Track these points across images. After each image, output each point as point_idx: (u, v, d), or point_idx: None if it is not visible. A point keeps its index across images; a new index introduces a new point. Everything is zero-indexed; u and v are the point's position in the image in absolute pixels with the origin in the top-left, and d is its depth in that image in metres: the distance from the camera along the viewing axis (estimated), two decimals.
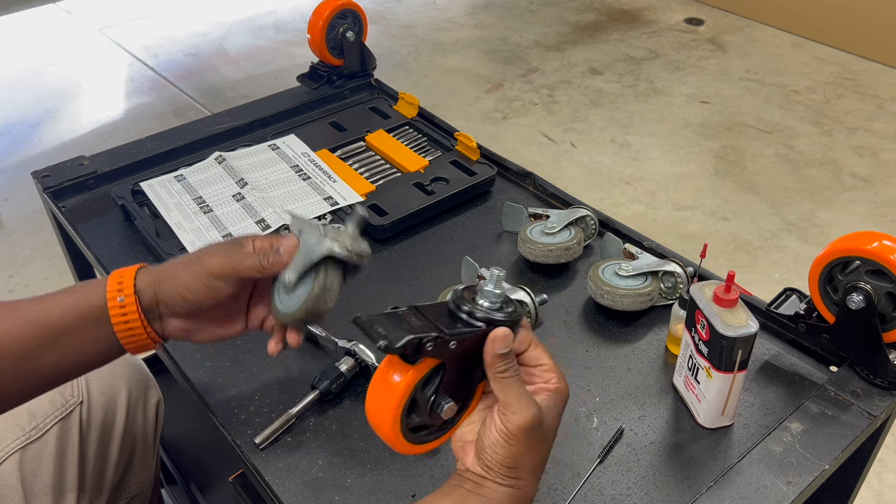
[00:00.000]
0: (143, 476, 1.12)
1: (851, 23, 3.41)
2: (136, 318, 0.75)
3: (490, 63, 3.45)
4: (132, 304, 0.75)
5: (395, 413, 0.65)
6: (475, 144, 1.28)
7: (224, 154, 1.28)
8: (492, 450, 0.63)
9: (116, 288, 0.75)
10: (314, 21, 1.41)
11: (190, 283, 0.75)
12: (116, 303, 0.74)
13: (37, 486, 0.92)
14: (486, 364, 0.64)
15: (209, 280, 0.75)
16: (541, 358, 0.67)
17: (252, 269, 0.76)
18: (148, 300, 0.76)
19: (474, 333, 0.65)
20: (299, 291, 0.77)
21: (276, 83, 3.25)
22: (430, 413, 0.67)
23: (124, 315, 0.74)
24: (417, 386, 0.65)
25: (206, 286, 0.75)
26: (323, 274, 0.76)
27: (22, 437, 0.93)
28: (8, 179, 2.74)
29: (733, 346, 0.79)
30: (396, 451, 0.67)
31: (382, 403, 0.65)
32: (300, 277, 0.76)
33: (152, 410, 1.12)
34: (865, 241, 0.84)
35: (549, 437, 0.66)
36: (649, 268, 1.00)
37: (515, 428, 0.62)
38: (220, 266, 0.75)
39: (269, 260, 0.77)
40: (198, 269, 0.75)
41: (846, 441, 0.83)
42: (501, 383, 0.64)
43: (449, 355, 0.64)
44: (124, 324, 0.75)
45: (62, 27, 3.90)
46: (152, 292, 0.76)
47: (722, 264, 2.27)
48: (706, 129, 2.94)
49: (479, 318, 0.65)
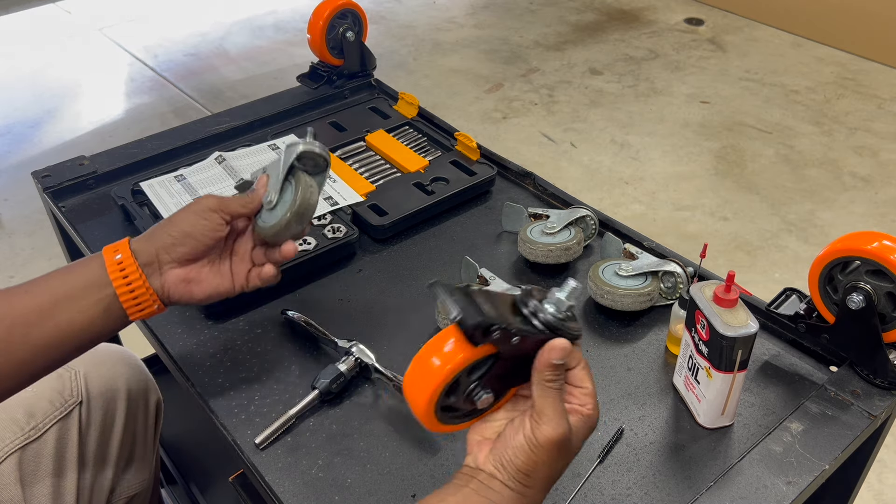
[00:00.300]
0: (142, 476, 1.12)
1: (851, 23, 3.41)
2: (136, 272, 0.79)
3: (490, 63, 3.45)
4: (129, 259, 0.79)
5: (437, 388, 0.65)
6: (475, 144, 1.28)
7: (224, 154, 1.28)
8: (514, 453, 0.64)
9: (112, 250, 0.80)
10: (314, 21, 1.41)
11: (191, 218, 0.82)
12: (114, 261, 0.79)
13: (36, 487, 0.93)
14: (536, 369, 0.64)
15: (208, 213, 0.83)
16: (584, 381, 0.67)
17: (239, 205, 0.85)
18: (146, 256, 0.81)
19: (539, 335, 0.65)
20: (284, 198, 0.87)
21: (276, 83, 3.25)
22: (465, 398, 0.67)
23: (122, 271, 0.78)
24: (466, 368, 0.65)
25: (205, 219, 0.82)
26: (299, 176, 0.87)
27: (21, 436, 0.93)
28: (8, 179, 2.74)
29: (733, 346, 0.79)
30: (422, 422, 0.67)
31: (427, 374, 0.65)
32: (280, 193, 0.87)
33: (152, 410, 1.12)
34: (865, 241, 0.84)
35: (570, 456, 0.66)
36: (649, 268, 1.00)
37: (545, 439, 0.63)
38: (215, 202, 0.84)
39: (248, 196, 0.87)
40: (196, 209, 0.83)
41: (846, 441, 0.83)
42: (545, 391, 0.64)
43: (507, 348, 0.65)
44: (123, 280, 0.78)
45: (62, 27, 3.90)
46: (149, 247, 0.81)
47: (722, 264, 2.27)
48: (706, 129, 2.94)
49: (541, 320, 0.65)
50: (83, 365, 1.01)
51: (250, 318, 1.01)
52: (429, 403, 0.66)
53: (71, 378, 0.99)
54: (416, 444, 0.85)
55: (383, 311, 1.02)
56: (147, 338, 1.01)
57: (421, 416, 0.67)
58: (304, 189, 0.85)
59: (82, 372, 1.01)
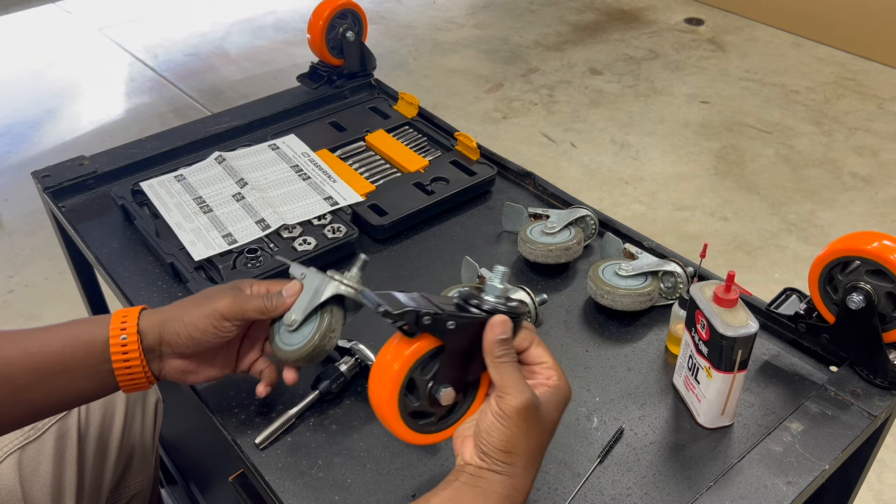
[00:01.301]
0: (142, 476, 1.12)
1: (851, 23, 3.41)
2: (137, 357, 0.77)
3: (490, 63, 3.45)
4: (134, 344, 0.76)
5: (393, 389, 0.66)
6: (475, 144, 1.28)
7: (224, 154, 1.28)
8: (487, 434, 0.65)
9: (120, 327, 0.77)
10: (314, 21, 1.41)
11: (200, 323, 0.77)
12: (118, 341, 0.76)
13: (35, 487, 0.93)
14: (485, 350, 0.67)
15: (219, 321, 0.78)
16: (542, 356, 0.69)
17: (258, 311, 0.80)
18: (151, 340, 0.78)
19: (474, 319, 0.67)
20: (305, 330, 0.81)
21: (276, 83, 3.25)
22: (429, 398, 0.69)
23: (125, 354, 0.76)
24: (416, 365, 0.67)
25: (215, 326, 0.78)
26: (328, 314, 0.80)
27: (21, 436, 0.93)
28: (8, 179, 2.74)
29: (733, 346, 0.79)
30: (396, 435, 0.69)
31: (381, 380, 0.67)
32: (305, 318, 0.80)
33: (151, 410, 1.12)
34: (865, 241, 0.84)
35: (546, 427, 0.68)
36: (649, 268, 1.00)
37: (510, 409, 0.64)
38: (229, 307, 0.78)
39: (272, 302, 0.80)
40: (208, 311, 0.78)
41: (846, 441, 0.83)
42: (499, 368, 0.66)
43: (448, 337, 0.66)
44: (124, 362, 0.76)
45: (62, 27, 3.90)
46: (157, 332, 0.78)
47: (722, 264, 2.27)
48: (706, 129, 2.94)
49: (485, 310, 0.68)
50: None
51: None
52: (389, 409, 0.67)
53: None
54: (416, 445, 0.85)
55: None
56: None
57: (389, 424, 0.68)
58: (326, 333, 0.80)
59: None
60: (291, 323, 0.80)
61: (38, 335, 0.76)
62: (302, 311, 0.80)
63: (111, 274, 1.08)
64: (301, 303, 0.81)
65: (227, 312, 0.78)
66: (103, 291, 1.43)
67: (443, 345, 0.67)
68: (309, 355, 0.80)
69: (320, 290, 0.80)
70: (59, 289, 2.20)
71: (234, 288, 0.81)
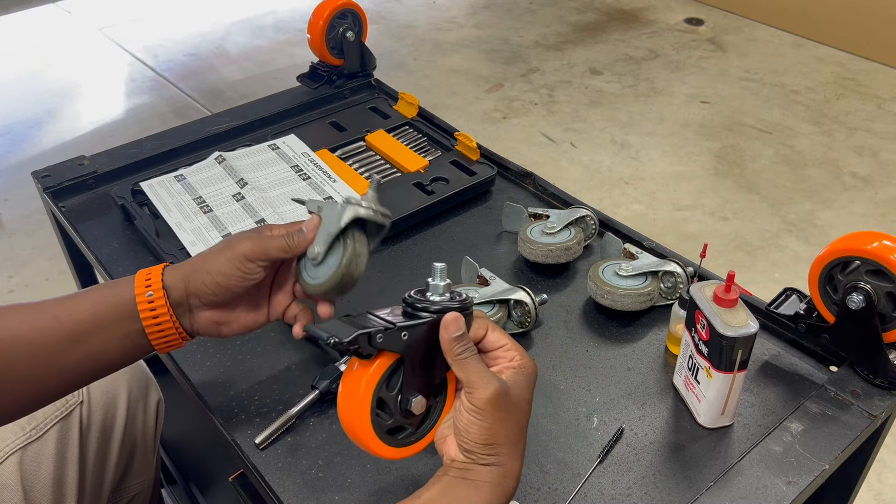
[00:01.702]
0: (143, 476, 1.12)
1: (851, 23, 3.41)
2: (166, 312, 0.76)
3: (490, 63, 3.45)
4: (161, 299, 0.75)
5: (364, 413, 0.65)
6: (475, 144, 1.28)
7: (224, 154, 1.28)
8: (466, 431, 0.65)
9: (144, 283, 0.76)
10: (314, 21, 1.41)
11: (225, 268, 0.76)
12: (145, 298, 0.75)
13: (37, 487, 0.93)
14: (444, 350, 0.66)
15: (244, 263, 0.77)
16: (500, 340, 0.69)
17: (280, 249, 0.78)
18: (178, 294, 0.77)
19: (424, 323, 0.66)
20: (330, 261, 0.79)
21: (276, 83, 3.25)
22: (401, 411, 0.68)
23: (153, 311, 0.75)
24: (381, 384, 0.66)
25: (240, 269, 0.77)
26: (351, 240, 0.78)
27: (22, 436, 0.93)
28: (8, 179, 2.74)
29: (733, 346, 0.79)
30: (378, 455, 0.68)
31: (350, 407, 0.66)
32: (328, 249, 0.79)
33: (153, 410, 1.12)
34: (865, 241, 0.84)
35: (521, 408, 0.67)
36: (649, 268, 1.00)
37: (481, 402, 0.64)
38: (251, 249, 0.77)
39: (294, 239, 0.79)
40: (231, 255, 0.77)
41: (846, 441, 0.83)
42: (461, 364, 0.66)
43: (405, 348, 0.66)
44: (153, 319, 0.75)
45: (62, 27, 3.90)
46: (182, 286, 0.77)
47: (722, 264, 2.27)
48: (706, 129, 2.94)
49: (433, 311, 0.67)
50: None
51: None
52: (365, 433, 0.66)
53: None
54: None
55: None
56: None
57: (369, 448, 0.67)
58: (352, 259, 0.78)
59: None
60: (315, 256, 0.79)
61: (65, 303, 0.75)
62: (324, 242, 0.79)
63: (111, 274, 1.08)
64: (322, 234, 0.79)
65: (250, 253, 0.77)
66: None
67: (401, 357, 0.66)
68: (339, 284, 0.79)
69: (339, 216, 0.78)
70: (59, 289, 2.20)
71: (256, 231, 0.80)
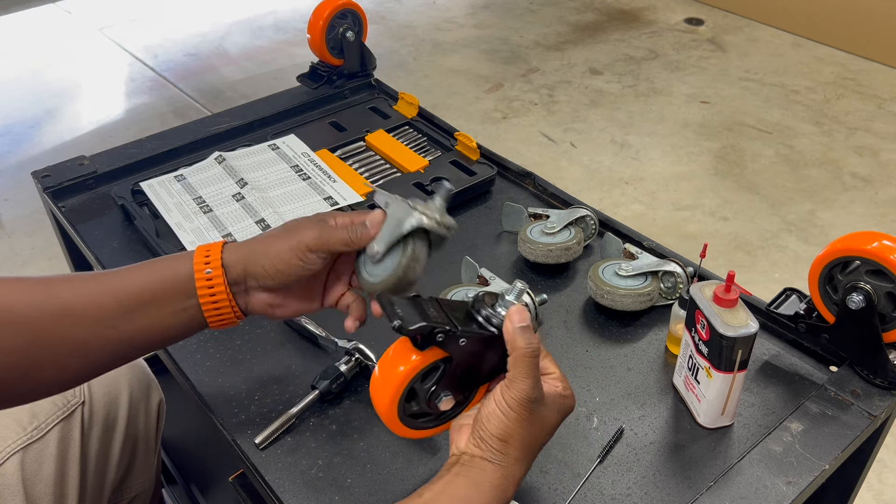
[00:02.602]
0: (144, 476, 1.12)
1: (851, 23, 3.41)
2: (223, 290, 0.75)
3: (490, 63, 3.45)
4: (219, 277, 0.75)
5: (394, 398, 0.68)
6: (475, 144, 1.28)
7: (224, 154, 1.28)
8: (487, 419, 0.66)
9: (203, 260, 0.75)
10: (314, 21, 1.41)
11: (286, 256, 0.76)
12: (203, 275, 0.75)
13: (38, 487, 0.92)
14: (507, 342, 0.67)
15: (305, 253, 0.76)
16: (549, 367, 0.71)
17: (342, 243, 0.78)
18: (236, 274, 0.76)
19: (485, 335, 0.68)
20: (388, 262, 0.78)
21: (276, 83, 3.24)
22: (428, 403, 0.70)
23: (210, 288, 0.75)
24: (418, 376, 0.68)
25: (300, 259, 0.76)
26: (412, 245, 0.77)
27: (24, 436, 0.93)
28: (8, 179, 2.74)
29: (733, 346, 0.79)
30: (390, 430, 0.71)
31: (384, 386, 0.68)
32: (388, 249, 0.78)
33: (154, 411, 1.12)
34: (865, 241, 0.84)
35: (545, 425, 0.69)
36: (649, 268, 1.00)
37: (512, 399, 0.66)
38: (314, 240, 0.77)
39: (357, 233, 0.78)
40: (293, 244, 0.76)
41: (846, 441, 0.83)
42: (517, 359, 0.67)
43: (457, 351, 0.68)
44: (210, 297, 0.75)
45: (62, 27, 3.90)
46: (241, 266, 0.77)
47: (722, 264, 2.27)
48: (706, 129, 2.94)
49: (495, 324, 0.69)
50: None
51: (250, 318, 1.00)
52: (389, 412, 0.69)
53: None
54: (416, 444, 0.85)
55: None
56: None
57: (388, 424, 0.70)
58: (410, 263, 0.77)
59: None
60: (374, 254, 0.78)
61: (121, 274, 0.75)
62: (385, 242, 0.78)
63: None
64: (384, 233, 0.78)
65: (313, 244, 0.76)
66: None
67: (447, 356, 0.68)
68: (394, 286, 0.78)
69: (402, 220, 0.77)
70: None
71: (319, 220, 0.79)
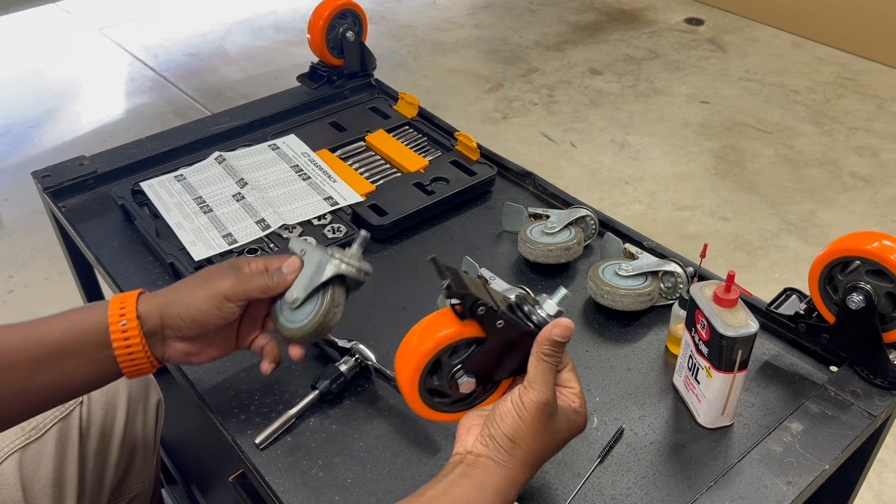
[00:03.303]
0: (143, 476, 1.12)
1: (851, 23, 3.41)
2: (138, 342, 0.76)
3: (490, 63, 3.45)
4: (134, 329, 0.75)
5: (422, 361, 0.70)
6: (475, 144, 1.28)
7: (224, 154, 1.28)
8: (500, 418, 0.67)
9: (119, 312, 0.76)
10: (314, 21, 1.41)
11: (203, 306, 0.77)
12: (118, 327, 0.75)
13: (36, 487, 0.92)
14: (537, 342, 0.70)
15: (222, 302, 0.77)
16: (571, 381, 0.73)
17: (259, 290, 0.79)
18: (152, 324, 0.77)
19: (524, 327, 0.70)
20: (307, 308, 0.80)
21: (276, 83, 3.25)
22: (449, 381, 0.71)
23: (126, 339, 0.75)
24: (449, 347, 0.70)
25: (218, 308, 0.77)
26: (331, 291, 0.80)
27: (22, 437, 0.93)
28: (8, 179, 2.74)
29: (733, 346, 0.79)
30: (405, 399, 0.72)
31: (414, 349, 0.70)
32: (308, 295, 0.80)
33: (153, 411, 1.12)
34: (865, 241, 0.84)
35: (555, 435, 0.69)
36: (649, 268, 1.00)
37: (530, 401, 0.67)
38: (231, 288, 0.77)
39: (274, 279, 0.80)
40: (210, 293, 0.77)
41: (846, 441, 0.83)
42: (540, 363, 0.69)
43: (491, 333, 0.69)
44: (125, 348, 0.75)
45: (62, 27, 3.90)
46: (157, 316, 0.77)
47: (722, 264, 2.27)
48: (706, 129, 2.94)
49: (535, 321, 0.71)
50: None
51: None
52: (411, 378, 0.70)
53: None
54: (416, 444, 0.85)
55: (383, 311, 1.02)
56: None
57: (406, 392, 0.71)
58: (329, 309, 0.80)
59: None
60: (294, 301, 0.80)
61: (38, 325, 0.75)
62: (304, 288, 0.80)
63: (111, 274, 1.08)
64: (303, 279, 0.80)
65: (230, 293, 0.77)
66: (103, 291, 1.43)
67: (482, 337, 0.70)
68: (314, 332, 0.80)
69: (321, 267, 0.79)
70: (59, 289, 2.20)
71: (234, 267, 0.80)
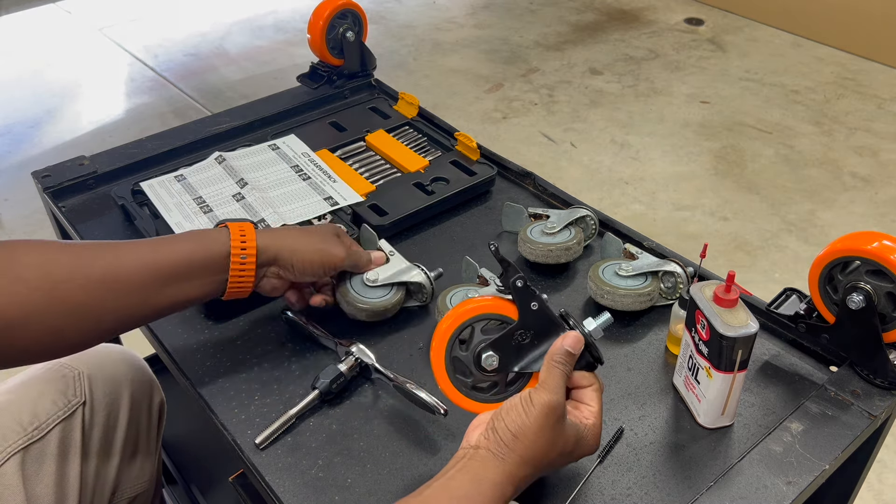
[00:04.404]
0: (144, 477, 1.12)
1: (851, 23, 3.41)
2: (252, 273, 0.85)
3: (490, 63, 3.45)
4: (252, 263, 0.84)
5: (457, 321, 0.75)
6: (475, 144, 1.28)
7: (224, 154, 1.28)
8: (507, 412, 0.69)
9: (240, 245, 0.84)
10: (314, 21, 1.41)
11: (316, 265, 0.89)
12: (239, 259, 0.83)
13: (38, 487, 0.92)
14: (550, 352, 0.74)
15: (330, 270, 0.91)
16: (593, 401, 0.75)
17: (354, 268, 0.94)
18: (265, 259, 0.86)
19: (554, 320, 0.75)
20: (379, 292, 0.95)
21: (276, 83, 3.25)
22: (474, 357, 0.75)
23: (242, 270, 0.84)
24: (485, 318, 0.75)
25: (324, 272, 0.91)
26: (403, 289, 0.97)
27: (24, 437, 0.93)
28: (8, 179, 2.74)
29: (733, 346, 0.79)
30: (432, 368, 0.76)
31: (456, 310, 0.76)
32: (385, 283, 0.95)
33: (155, 411, 1.12)
34: (865, 241, 0.84)
35: (561, 441, 0.70)
36: (649, 268, 1.00)
37: (538, 400, 0.68)
38: (342, 260, 0.91)
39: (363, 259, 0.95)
40: (325, 258, 0.89)
41: (846, 441, 0.84)
42: (551, 368, 0.72)
43: (524, 313, 0.74)
44: (239, 277, 0.84)
45: (62, 27, 3.90)
46: (273, 254, 0.86)
47: (722, 264, 2.27)
48: (706, 129, 2.94)
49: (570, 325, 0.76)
50: (86, 366, 1.01)
51: (250, 318, 1.01)
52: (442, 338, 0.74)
53: (74, 378, 0.99)
54: (416, 444, 0.85)
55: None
56: (147, 337, 1.01)
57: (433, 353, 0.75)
58: (395, 303, 0.95)
59: (86, 373, 1.01)
60: (373, 281, 0.94)
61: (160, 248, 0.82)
62: (386, 277, 0.95)
63: None
64: (388, 270, 0.96)
65: (340, 264, 0.90)
66: None
67: (518, 322, 0.74)
68: (375, 312, 0.94)
69: (409, 270, 0.97)
70: None
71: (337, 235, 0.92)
